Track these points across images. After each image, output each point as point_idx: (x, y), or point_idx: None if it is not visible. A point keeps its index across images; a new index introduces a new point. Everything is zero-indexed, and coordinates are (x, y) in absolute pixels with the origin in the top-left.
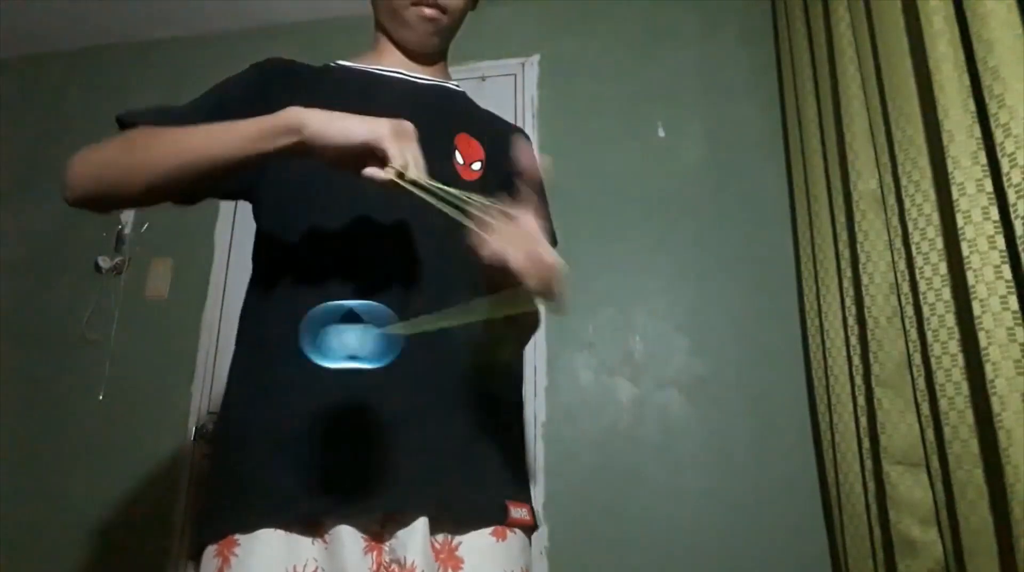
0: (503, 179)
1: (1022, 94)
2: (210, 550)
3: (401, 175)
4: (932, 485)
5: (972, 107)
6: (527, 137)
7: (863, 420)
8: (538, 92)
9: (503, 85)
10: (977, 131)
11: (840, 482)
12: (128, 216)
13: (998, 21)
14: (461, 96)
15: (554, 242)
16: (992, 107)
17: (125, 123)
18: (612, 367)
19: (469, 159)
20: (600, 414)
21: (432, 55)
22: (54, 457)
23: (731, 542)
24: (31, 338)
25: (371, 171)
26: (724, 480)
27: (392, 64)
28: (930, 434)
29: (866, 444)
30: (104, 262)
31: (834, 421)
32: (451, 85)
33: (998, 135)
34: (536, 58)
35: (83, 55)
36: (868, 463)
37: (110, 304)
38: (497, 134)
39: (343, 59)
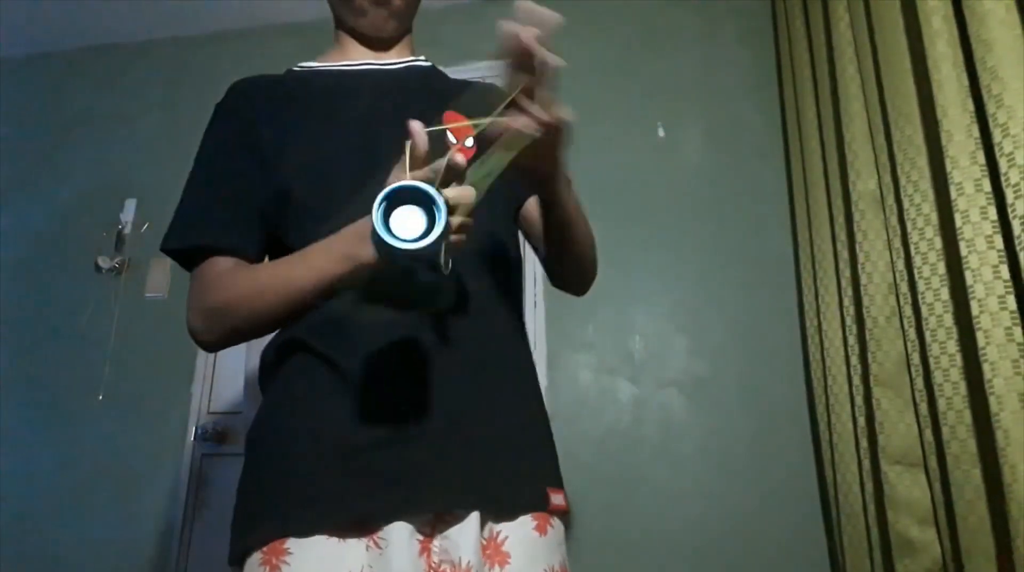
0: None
1: (1020, 93)
2: (255, 557)
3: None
4: (930, 485)
5: (971, 107)
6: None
7: (861, 420)
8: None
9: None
10: (975, 131)
11: (838, 482)
12: (128, 216)
13: (997, 21)
14: (433, 71)
15: None
16: (990, 107)
17: (176, 252)
18: (612, 367)
19: (461, 137)
20: (600, 414)
21: (393, 38)
22: (54, 457)
23: (731, 542)
24: (31, 338)
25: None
26: (724, 480)
27: (357, 57)
28: (928, 434)
29: (864, 444)
30: (104, 262)
31: (832, 421)
32: (420, 62)
33: (996, 135)
34: None
35: (83, 55)
36: (866, 463)
37: (110, 304)
38: (473, 98)
39: (306, 61)
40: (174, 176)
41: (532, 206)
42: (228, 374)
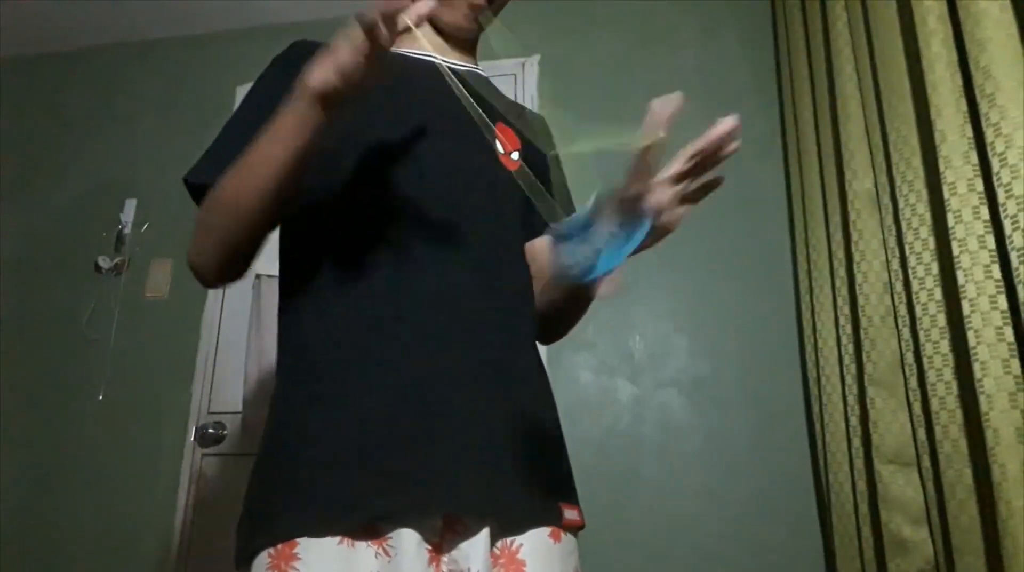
0: (539, 166)
1: (1013, 93)
2: (263, 561)
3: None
4: (923, 484)
5: (964, 107)
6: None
7: (853, 419)
8: (538, 92)
9: (503, 85)
10: (969, 131)
11: (831, 481)
12: (128, 216)
13: (991, 20)
14: (489, 82)
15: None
16: (983, 106)
17: (195, 184)
18: (612, 367)
19: (509, 148)
20: (600, 414)
21: (470, 41)
22: (54, 457)
23: (730, 541)
24: (31, 338)
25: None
26: (723, 479)
27: (427, 48)
28: (921, 433)
29: (856, 443)
30: (104, 262)
31: (825, 420)
32: (480, 71)
33: (989, 134)
34: (536, 58)
35: (83, 55)
36: (858, 462)
37: (110, 304)
38: (524, 121)
39: None
40: (174, 176)
41: (539, 244)
42: (228, 374)
